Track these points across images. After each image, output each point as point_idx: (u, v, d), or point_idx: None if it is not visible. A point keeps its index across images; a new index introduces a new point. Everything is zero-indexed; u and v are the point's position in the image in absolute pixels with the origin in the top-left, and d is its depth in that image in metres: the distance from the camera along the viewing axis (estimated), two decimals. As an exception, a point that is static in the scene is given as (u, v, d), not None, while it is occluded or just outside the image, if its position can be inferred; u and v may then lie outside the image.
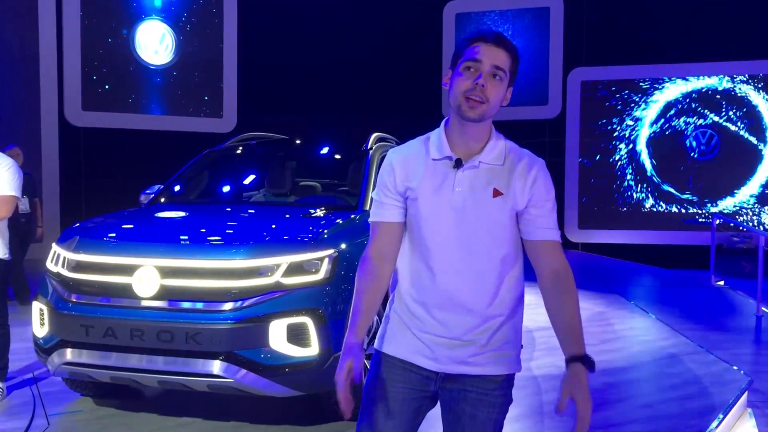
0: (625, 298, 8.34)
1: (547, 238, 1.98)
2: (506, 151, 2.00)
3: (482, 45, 1.91)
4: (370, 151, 5.35)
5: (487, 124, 1.98)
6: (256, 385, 3.66)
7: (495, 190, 1.95)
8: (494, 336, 2.00)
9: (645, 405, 4.55)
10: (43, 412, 4.29)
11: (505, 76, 1.92)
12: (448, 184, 1.96)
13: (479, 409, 2.00)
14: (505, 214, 1.96)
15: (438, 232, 1.97)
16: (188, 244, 3.92)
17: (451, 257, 1.97)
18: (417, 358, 2.02)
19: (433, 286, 1.99)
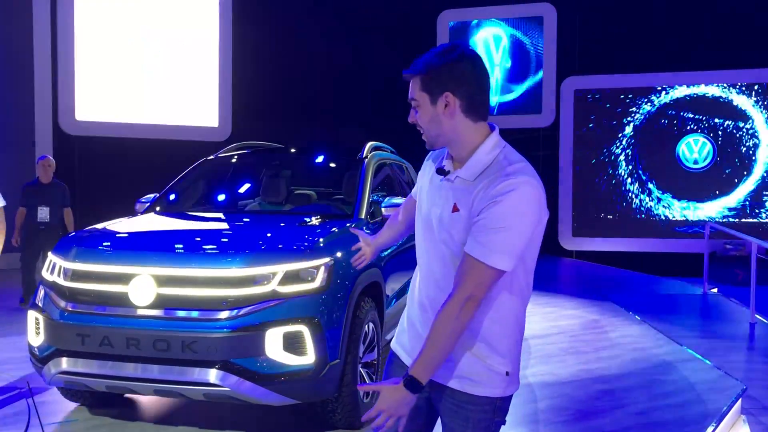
0: (620, 306, 8.36)
1: (467, 250, 1.87)
2: (485, 168, 1.92)
3: None
4: (366, 160, 5.37)
5: (465, 142, 1.95)
6: (252, 393, 3.66)
7: (454, 206, 1.95)
8: (462, 353, 1.95)
9: (639, 412, 4.57)
10: (38, 422, 4.27)
11: (417, 101, 1.97)
12: (433, 192, 2.05)
13: (454, 422, 2.01)
14: (460, 227, 1.91)
15: (418, 235, 2.13)
16: (184, 253, 3.92)
17: (423, 263, 2.10)
18: (405, 357, 2.15)
19: (415, 290, 2.14)
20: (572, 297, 8.92)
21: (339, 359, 3.89)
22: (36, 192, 7.83)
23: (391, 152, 6.32)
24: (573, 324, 7.38)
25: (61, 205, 7.89)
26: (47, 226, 7.76)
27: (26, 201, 7.80)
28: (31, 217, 7.76)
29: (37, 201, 7.76)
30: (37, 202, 7.75)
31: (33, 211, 7.75)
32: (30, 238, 7.81)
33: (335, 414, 4.05)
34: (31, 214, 7.76)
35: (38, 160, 7.99)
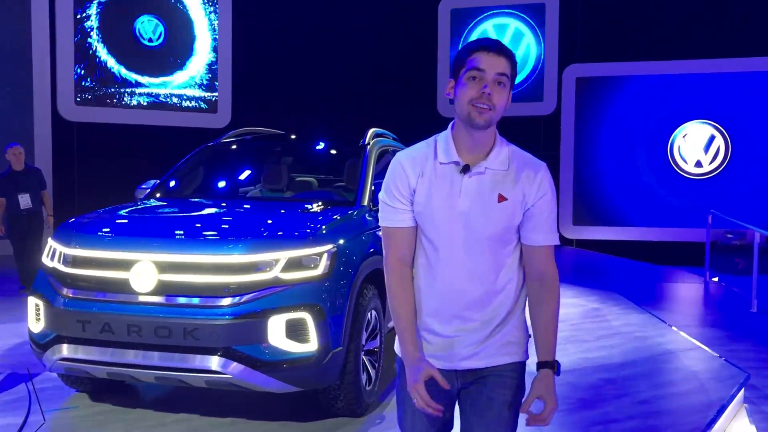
0: (620, 295, 8.34)
1: (541, 243, 2.06)
2: (510, 157, 2.07)
3: (484, 54, 1.97)
4: (368, 147, 5.33)
5: (492, 130, 2.05)
6: (254, 381, 3.64)
7: (500, 196, 2.02)
8: (499, 330, 2.09)
9: (642, 401, 4.56)
10: (39, 409, 4.26)
11: (507, 81, 1.99)
12: (456, 188, 2.02)
13: (495, 392, 2.09)
14: (509, 218, 2.03)
15: (445, 235, 2.04)
16: (186, 240, 3.89)
17: (456, 259, 2.04)
18: (432, 361, 2.07)
19: (441, 288, 2.06)
20: (572, 285, 8.90)
21: (341, 347, 3.86)
22: (12, 180, 7.88)
23: (393, 139, 6.27)
24: (573, 312, 7.36)
25: (39, 190, 7.98)
26: (29, 212, 7.87)
27: (3, 191, 7.85)
28: (12, 206, 7.84)
29: (16, 189, 7.83)
30: (16, 190, 7.82)
31: (13, 200, 7.82)
32: (15, 226, 7.90)
33: (337, 401, 4.03)
34: (12, 202, 7.83)
35: (6, 148, 7.99)
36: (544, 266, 2.07)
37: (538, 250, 2.07)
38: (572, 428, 4.08)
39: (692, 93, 13.43)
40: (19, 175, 7.90)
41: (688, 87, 13.45)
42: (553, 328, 2.08)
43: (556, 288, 2.09)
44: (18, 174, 7.91)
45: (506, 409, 2.09)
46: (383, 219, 2.12)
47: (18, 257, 7.98)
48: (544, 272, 2.07)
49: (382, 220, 2.12)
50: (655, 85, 13.61)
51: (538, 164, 2.09)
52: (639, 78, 13.69)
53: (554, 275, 2.09)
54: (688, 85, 13.45)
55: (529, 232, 2.06)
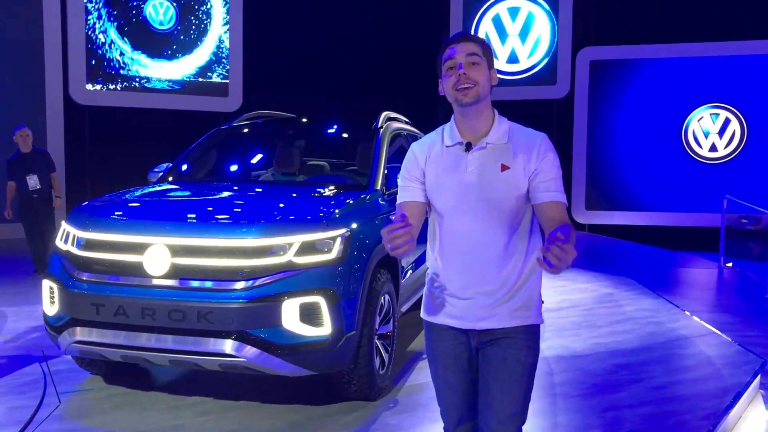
0: (634, 280, 8.29)
1: (551, 199, 2.20)
2: (509, 131, 2.28)
3: (453, 45, 2.23)
4: (381, 130, 5.29)
5: (487, 108, 2.27)
6: (268, 364, 3.63)
7: (502, 165, 2.22)
8: (512, 294, 2.26)
9: (657, 387, 4.53)
10: (54, 390, 4.28)
11: (480, 59, 2.22)
12: (462, 164, 2.25)
13: (507, 351, 2.26)
14: (513, 185, 2.21)
15: (455, 207, 2.26)
16: (199, 223, 3.87)
17: (468, 228, 2.24)
18: (449, 321, 2.32)
19: (454, 254, 2.28)
20: (585, 270, 8.85)
21: (355, 330, 3.85)
22: (20, 163, 7.95)
23: (406, 123, 6.22)
24: (586, 297, 7.33)
25: (47, 172, 8.05)
26: (39, 193, 7.95)
27: (13, 174, 7.93)
28: (22, 188, 7.91)
29: (24, 171, 7.90)
30: (25, 172, 7.89)
31: (23, 182, 7.89)
32: (26, 209, 7.98)
33: (351, 385, 4.03)
34: (22, 185, 7.91)
35: (14, 131, 8.07)
36: (558, 217, 2.19)
37: (549, 207, 2.20)
38: (586, 414, 4.06)
39: (708, 76, 13.27)
40: (27, 157, 7.98)
41: (703, 70, 13.28)
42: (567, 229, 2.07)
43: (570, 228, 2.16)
44: (26, 156, 7.99)
45: (520, 367, 2.27)
46: (398, 198, 2.39)
47: (30, 240, 8.05)
48: (557, 222, 2.18)
49: (398, 199, 2.39)
50: (670, 68, 13.45)
51: (536, 134, 2.28)
52: (654, 61, 13.53)
53: (567, 221, 2.19)
54: (704, 68, 13.28)
55: (538, 193, 2.21)
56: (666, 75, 13.47)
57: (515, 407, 2.27)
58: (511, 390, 2.26)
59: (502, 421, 2.26)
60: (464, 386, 2.36)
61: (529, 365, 2.29)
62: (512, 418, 2.28)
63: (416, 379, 4.58)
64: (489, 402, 2.28)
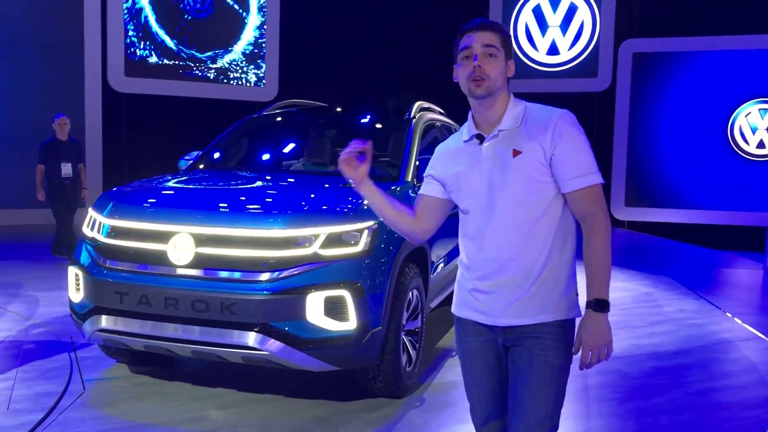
0: (674, 280, 8.02)
1: (577, 187, 2.08)
2: (524, 114, 2.15)
3: (470, 33, 2.14)
4: (413, 120, 5.15)
5: (502, 97, 2.16)
6: (291, 358, 3.55)
7: (514, 150, 2.11)
8: (537, 287, 2.12)
9: (698, 392, 4.32)
10: (80, 377, 4.27)
11: (498, 51, 2.12)
12: (477, 157, 2.18)
13: (533, 351, 2.13)
14: (527, 169, 2.09)
15: (474, 200, 2.18)
16: (224, 212, 3.79)
17: (487, 220, 2.15)
18: (474, 315, 2.23)
19: (477, 248, 2.19)
20: (624, 269, 8.60)
21: (381, 326, 3.74)
22: (56, 149, 8.15)
23: (440, 113, 6.08)
24: (624, 297, 7.10)
25: (77, 161, 8.27)
26: (71, 180, 8.16)
27: (45, 158, 8.12)
28: (53, 174, 8.10)
29: (58, 158, 8.10)
30: (59, 159, 8.09)
31: (55, 168, 8.08)
32: (57, 194, 8.17)
33: (376, 382, 3.92)
34: (53, 170, 8.09)
35: (54, 118, 8.28)
36: (585, 209, 2.09)
37: (574, 195, 2.09)
38: (622, 418, 3.89)
39: (756, 70, 12.78)
40: (63, 145, 8.19)
41: (752, 63, 12.80)
42: (596, 266, 2.08)
43: (599, 227, 2.09)
44: (62, 143, 8.19)
45: (548, 370, 2.12)
46: (420, 190, 2.38)
47: (60, 223, 8.25)
48: (586, 215, 2.10)
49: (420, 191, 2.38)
50: (716, 61, 13.00)
51: (552, 111, 2.13)
52: (699, 54, 13.09)
53: (596, 214, 2.09)
54: (752, 62, 12.80)
55: (561, 181, 2.09)
56: (712, 68, 13.02)
57: (544, 413, 2.13)
58: (539, 395, 2.13)
59: (530, 428, 2.13)
60: (491, 384, 2.26)
61: (558, 367, 2.14)
62: (541, 425, 2.13)
63: (445, 377, 4.46)
64: (516, 407, 2.16)
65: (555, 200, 2.12)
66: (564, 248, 2.15)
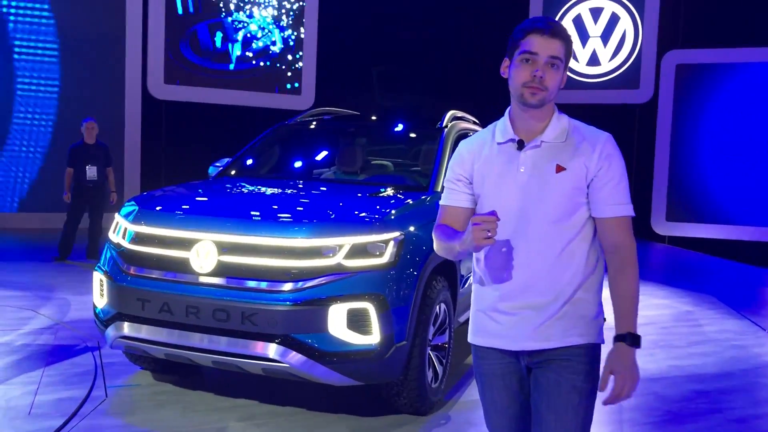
0: (716, 298, 7.72)
1: (610, 215, 2.00)
2: (569, 129, 2.05)
3: (537, 37, 1.98)
4: (445, 129, 5.05)
5: (548, 106, 2.05)
6: (312, 371, 3.46)
7: (558, 166, 2.00)
8: (566, 310, 2.02)
9: (739, 419, 4.10)
10: (103, 384, 4.25)
11: (561, 63, 2.00)
12: (513, 164, 2.04)
13: (562, 375, 2.02)
14: (568, 188, 2.00)
15: (505, 210, 2.01)
16: (247, 220, 3.73)
17: (517, 235, 2.02)
18: (495, 342, 2.09)
19: (501, 264, 2.05)
20: (663, 285, 8.32)
21: (406, 340, 3.62)
22: (83, 152, 8.30)
23: (473, 123, 5.96)
24: (663, 315, 6.85)
25: (105, 165, 8.38)
26: (95, 184, 8.30)
27: (73, 161, 8.27)
28: (79, 177, 8.25)
29: (85, 161, 8.23)
30: (85, 162, 8.22)
31: (81, 171, 8.23)
32: (78, 196, 8.31)
33: (400, 397, 3.81)
34: (79, 173, 8.24)
35: (83, 122, 8.43)
36: (617, 238, 2.01)
37: (609, 223, 2.01)
38: (657, 445, 3.71)
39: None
40: (90, 148, 8.33)
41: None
42: (628, 299, 1.99)
43: (632, 259, 2.01)
44: (89, 147, 8.34)
45: (576, 395, 2.02)
46: (442, 199, 2.20)
47: (68, 225, 8.32)
48: (618, 244, 2.01)
49: (441, 200, 2.20)
50: (763, 73, 12.59)
51: (599, 134, 2.05)
52: (745, 65, 12.70)
53: (629, 246, 2.02)
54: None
55: (597, 204, 2.01)
56: (758, 80, 12.61)
57: None
58: (566, 421, 2.01)
59: None
60: (513, 410, 2.14)
61: (587, 392, 2.03)
62: None
63: (472, 395, 4.32)
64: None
65: (588, 223, 2.04)
66: (595, 271, 2.06)
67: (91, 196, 8.33)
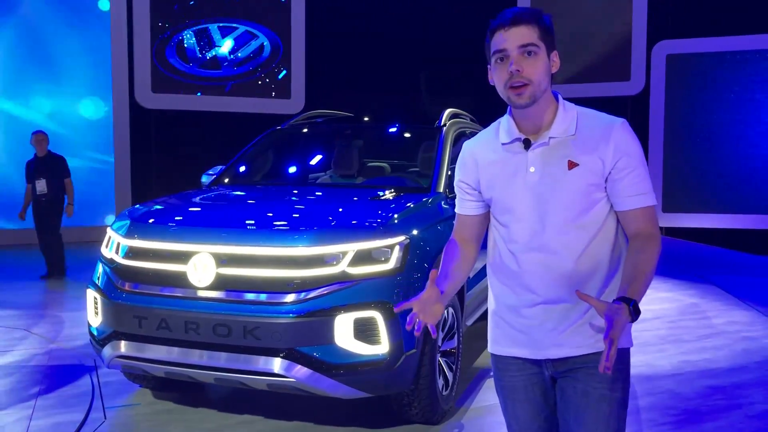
0: (721, 289, 7.63)
1: (637, 206, 1.87)
2: (578, 120, 1.91)
3: (502, 32, 1.85)
4: (444, 128, 4.92)
5: (548, 100, 1.90)
6: (319, 385, 3.31)
7: (570, 162, 1.87)
8: (591, 312, 1.88)
9: (760, 415, 3.98)
10: (101, 405, 4.09)
11: (537, 47, 1.83)
12: (522, 165, 1.91)
13: (589, 385, 1.91)
14: (583, 184, 1.87)
15: (518, 215, 1.92)
16: (246, 230, 3.59)
17: (533, 239, 1.90)
18: (518, 351, 1.99)
19: (519, 272, 1.94)
20: (666, 278, 8.21)
21: (415, 349, 3.48)
22: (34, 166, 8.01)
23: (471, 120, 5.84)
24: (669, 308, 6.74)
25: (59, 177, 8.02)
26: (46, 197, 7.94)
27: (28, 176, 8.02)
28: (33, 191, 7.97)
29: (36, 174, 7.95)
30: (36, 176, 7.94)
31: (34, 186, 7.95)
32: (34, 212, 8.05)
33: (411, 408, 3.67)
34: (33, 187, 7.96)
35: (32, 134, 8.09)
36: (644, 229, 1.88)
37: (632, 215, 1.88)
38: (678, 446, 3.58)
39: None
40: (40, 161, 8.03)
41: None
42: (641, 272, 1.80)
43: (657, 246, 1.86)
44: (39, 160, 8.04)
45: (605, 405, 1.90)
46: (456, 204, 2.12)
47: (40, 242, 8.12)
48: (644, 233, 1.87)
49: (456, 205, 2.12)
50: (755, 61, 12.53)
51: (612, 122, 1.90)
52: (737, 54, 12.63)
53: (657, 237, 1.88)
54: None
55: (618, 197, 1.88)
56: (749, 68, 12.55)
57: None
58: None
59: None
60: (537, 423, 2.02)
61: (617, 401, 1.91)
62: None
63: (484, 400, 4.19)
64: None
65: (609, 218, 1.91)
66: (619, 269, 1.92)
67: (43, 209, 7.98)
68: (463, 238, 2.08)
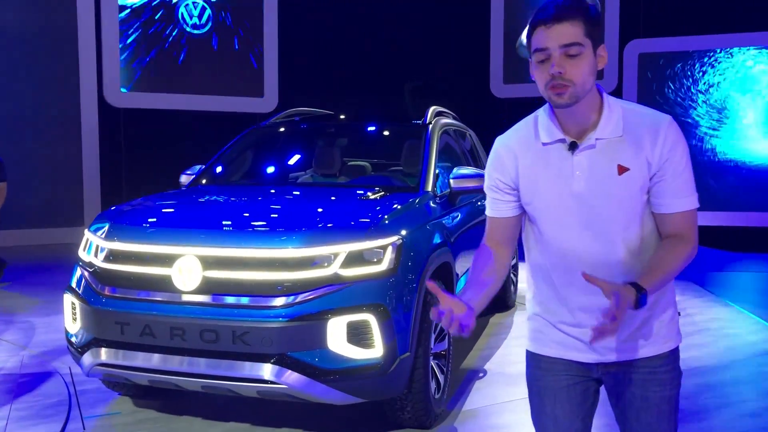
0: (700, 286, 7.68)
1: (677, 210, 1.79)
2: (624, 119, 1.79)
3: (543, 30, 1.73)
4: (430, 126, 4.84)
5: (592, 97, 1.79)
6: (312, 391, 3.21)
7: (620, 167, 1.77)
8: (646, 319, 1.86)
9: (751, 413, 3.98)
10: (79, 415, 3.93)
11: (582, 47, 1.72)
12: (566, 170, 1.80)
13: (649, 390, 1.89)
14: (634, 189, 1.77)
15: (562, 222, 1.83)
16: (234, 231, 3.46)
17: (580, 246, 1.82)
18: (572, 354, 1.93)
19: (569, 279, 1.85)
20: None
21: (409, 352, 3.40)
22: None
23: (453, 117, 5.77)
24: (650, 305, 6.75)
25: None
26: None
27: None
28: None
29: None
30: None
31: None
32: None
33: (404, 412, 3.58)
34: None
35: None
36: (682, 232, 1.80)
37: (673, 218, 1.80)
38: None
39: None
40: None
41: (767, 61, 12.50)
42: (661, 266, 1.74)
43: (686, 245, 1.78)
44: None
45: (666, 405, 1.90)
46: (487, 208, 2.01)
47: None
48: (677, 233, 1.80)
49: (486, 210, 2.01)
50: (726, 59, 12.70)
51: (659, 119, 1.79)
52: (710, 53, 12.79)
53: (690, 238, 1.79)
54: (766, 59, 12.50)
55: (661, 198, 1.79)
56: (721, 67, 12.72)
57: None
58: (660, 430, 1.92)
59: None
60: (576, 425, 1.97)
61: (675, 397, 1.92)
62: None
63: (474, 402, 4.11)
64: None
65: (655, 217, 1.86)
66: None
67: None
68: (496, 241, 1.97)
